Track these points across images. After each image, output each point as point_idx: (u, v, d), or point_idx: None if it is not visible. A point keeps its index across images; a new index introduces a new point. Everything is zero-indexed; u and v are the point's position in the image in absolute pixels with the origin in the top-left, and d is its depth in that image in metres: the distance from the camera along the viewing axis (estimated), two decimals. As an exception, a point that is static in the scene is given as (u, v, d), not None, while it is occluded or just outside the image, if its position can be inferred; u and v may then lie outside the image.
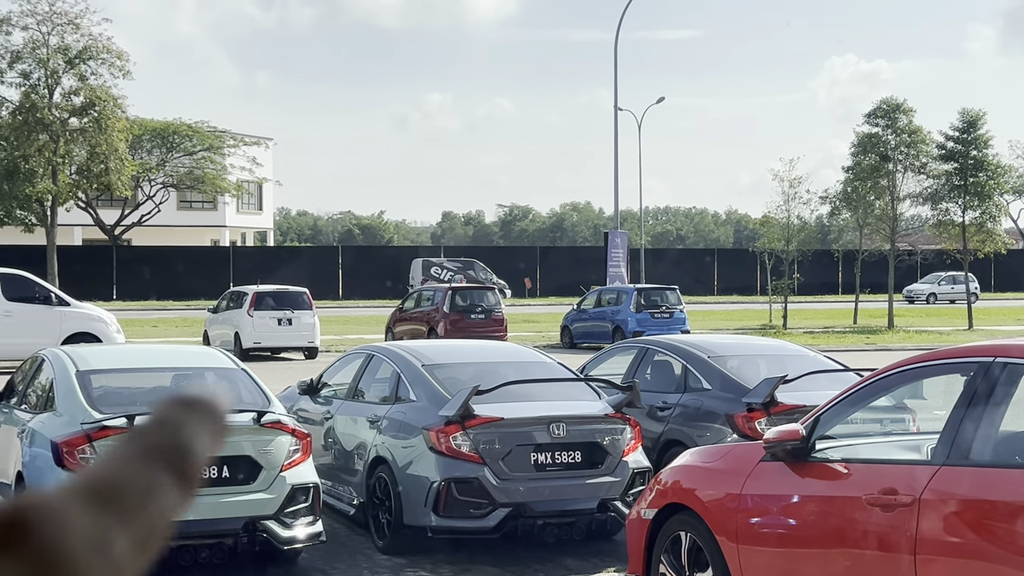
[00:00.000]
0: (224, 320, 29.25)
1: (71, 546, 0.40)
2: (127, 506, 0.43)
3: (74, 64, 43.34)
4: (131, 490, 0.44)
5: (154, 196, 59.33)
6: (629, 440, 9.83)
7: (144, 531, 0.44)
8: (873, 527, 5.62)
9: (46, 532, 0.40)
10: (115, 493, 0.43)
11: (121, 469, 0.44)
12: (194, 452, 0.47)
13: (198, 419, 0.48)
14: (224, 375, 9.88)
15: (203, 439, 0.48)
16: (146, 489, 0.44)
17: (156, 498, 0.44)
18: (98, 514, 0.42)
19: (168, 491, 0.45)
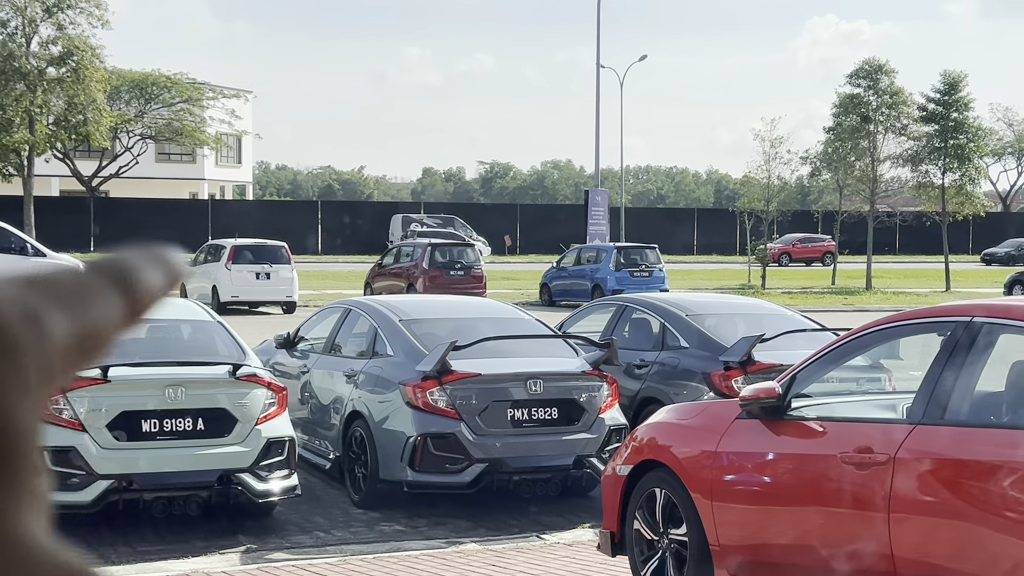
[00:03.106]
0: (202, 273, 29.12)
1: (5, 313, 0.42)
2: (66, 297, 0.44)
3: (52, 12, 42.85)
4: (74, 288, 0.45)
5: (132, 148, 58.86)
6: (606, 397, 9.83)
7: (81, 325, 0.44)
8: (848, 485, 5.63)
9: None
10: (53, 285, 0.45)
11: (69, 273, 0.46)
12: (143, 279, 0.48)
13: (154, 261, 0.50)
14: (200, 328, 9.83)
15: (155, 275, 0.49)
16: (89, 291, 0.46)
17: (97, 301, 0.46)
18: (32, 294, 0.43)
19: (111, 301, 0.46)
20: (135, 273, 0.48)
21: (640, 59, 55.25)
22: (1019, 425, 5.34)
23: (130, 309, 0.47)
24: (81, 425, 8.42)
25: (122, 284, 0.47)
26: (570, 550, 8.35)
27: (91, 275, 0.47)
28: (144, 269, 0.49)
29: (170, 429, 8.67)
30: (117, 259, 0.49)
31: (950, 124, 41.27)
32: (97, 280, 0.47)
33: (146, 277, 0.49)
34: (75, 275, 0.46)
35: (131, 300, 0.47)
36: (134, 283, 0.48)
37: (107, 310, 0.46)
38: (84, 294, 0.46)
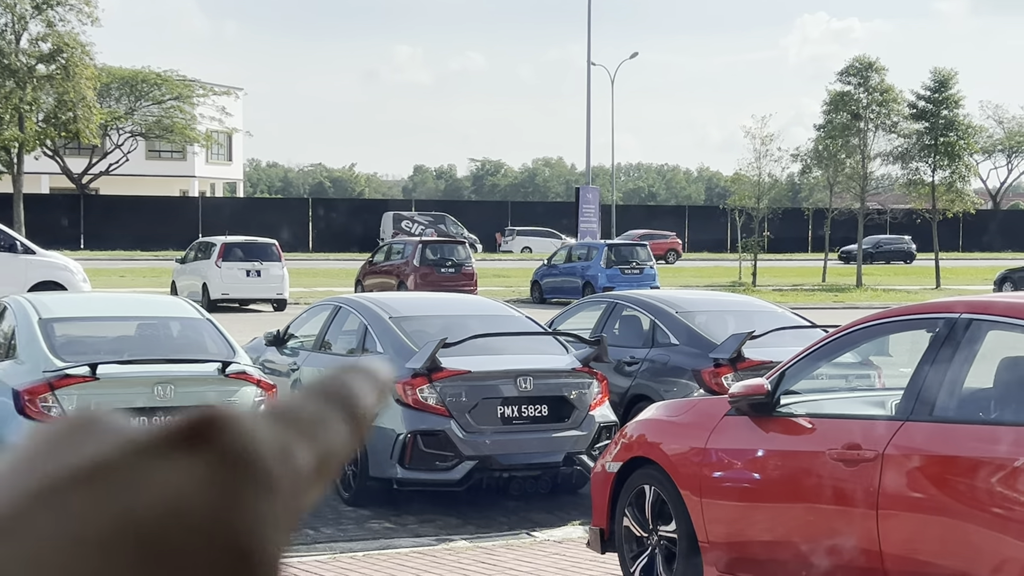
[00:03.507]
0: (192, 271, 29.07)
1: (259, 448, 0.43)
2: (306, 428, 0.46)
3: (41, 9, 42.75)
4: (310, 417, 0.47)
5: (122, 145, 58.75)
6: (596, 394, 9.83)
7: (321, 454, 0.47)
8: (836, 481, 5.64)
9: (235, 433, 0.43)
10: (295, 417, 0.47)
11: (299, 402, 0.48)
12: (364, 402, 0.51)
13: (365, 379, 0.52)
14: (189, 325, 9.81)
15: (370, 394, 0.51)
16: (322, 418, 0.48)
17: (331, 428, 0.48)
18: (279, 428, 0.45)
19: (341, 428, 0.49)
20: (357, 398, 0.50)
21: (631, 57, 55.28)
22: (1006, 421, 5.35)
23: (356, 433, 0.50)
24: (70, 423, 8.39)
25: (348, 410, 0.50)
26: (560, 547, 8.35)
27: (323, 404, 0.49)
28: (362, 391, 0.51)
29: (159, 427, 8.64)
30: (338, 384, 0.51)
31: (940, 122, 41.35)
32: (329, 409, 0.49)
33: (365, 399, 0.51)
34: (311, 405, 0.48)
35: (356, 425, 0.50)
36: (358, 408, 0.50)
37: (339, 437, 0.48)
38: (321, 424, 0.48)
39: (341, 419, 0.49)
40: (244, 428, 0.44)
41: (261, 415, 0.46)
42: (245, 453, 0.43)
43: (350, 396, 0.50)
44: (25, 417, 8.38)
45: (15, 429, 8.40)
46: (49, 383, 8.44)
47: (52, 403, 8.42)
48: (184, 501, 0.42)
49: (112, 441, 0.43)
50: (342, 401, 0.50)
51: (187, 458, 0.43)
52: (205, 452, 0.43)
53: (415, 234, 50.74)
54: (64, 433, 0.44)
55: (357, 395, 0.50)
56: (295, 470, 0.45)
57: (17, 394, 8.44)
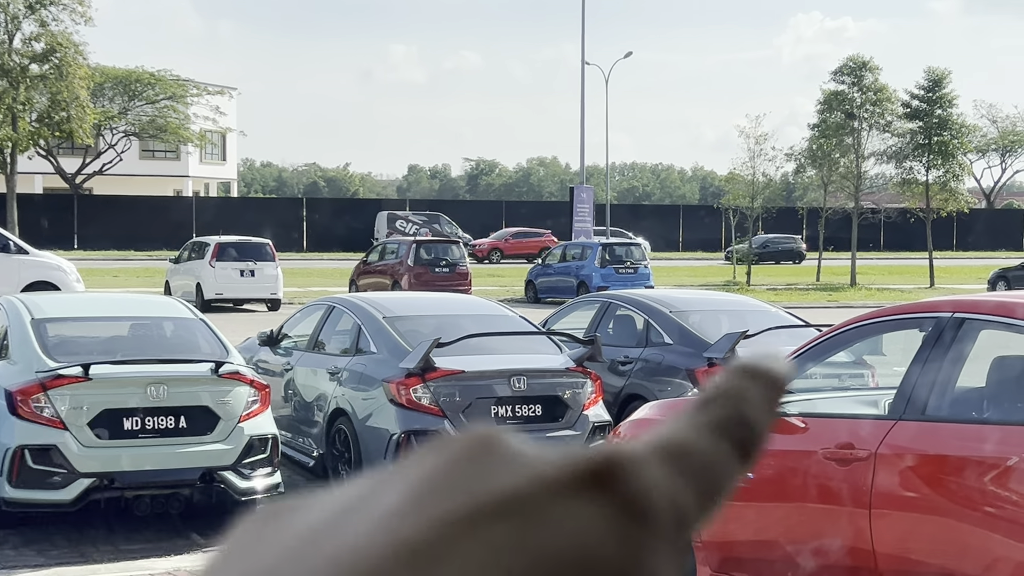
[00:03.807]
0: (186, 271, 29.03)
1: (653, 495, 0.42)
2: (695, 471, 0.45)
3: (34, 9, 42.68)
4: (700, 458, 0.45)
5: (116, 145, 58.67)
6: (590, 394, 9.83)
7: (706, 495, 0.45)
8: (829, 481, 5.64)
9: (635, 478, 0.42)
10: (686, 458, 0.45)
11: (691, 436, 0.46)
12: (758, 427, 0.47)
13: (762, 391, 0.48)
14: (182, 325, 9.79)
15: (765, 411, 0.48)
16: (712, 457, 0.46)
17: (719, 467, 0.46)
18: (671, 474, 0.44)
19: (731, 463, 0.46)
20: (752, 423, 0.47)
21: (625, 56, 55.27)
22: (999, 420, 5.36)
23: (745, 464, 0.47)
24: (62, 423, 8.38)
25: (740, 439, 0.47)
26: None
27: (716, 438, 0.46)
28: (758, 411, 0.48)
29: (152, 427, 8.63)
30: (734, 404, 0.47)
31: (934, 121, 41.38)
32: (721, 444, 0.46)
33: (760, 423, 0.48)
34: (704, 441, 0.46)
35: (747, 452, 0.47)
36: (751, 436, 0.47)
37: (727, 477, 0.46)
38: (711, 467, 0.46)
39: (732, 453, 0.46)
40: (646, 474, 0.43)
41: (657, 455, 0.44)
42: (648, 503, 0.42)
43: (744, 422, 0.47)
44: (18, 418, 8.36)
45: (8, 430, 8.38)
46: (42, 383, 8.42)
47: (44, 403, 8.40)
48: (595, 548, 0.40)
49: (522, 473, 0.41)
50: (734, 429, 0.47)
51: (599, 502, 0.41)
52: (615, 497, 0.41)
53: (409, 234, 50.72)
54: (465, 455, 0.42)
55: (752, 418, 0.47)
56: (679, 517, 0.43)
57: (9, 394, 8.42)
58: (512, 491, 0.40)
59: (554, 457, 0.42)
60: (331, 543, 0.39)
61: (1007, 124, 79.57)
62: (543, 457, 0.42)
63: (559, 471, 0.41)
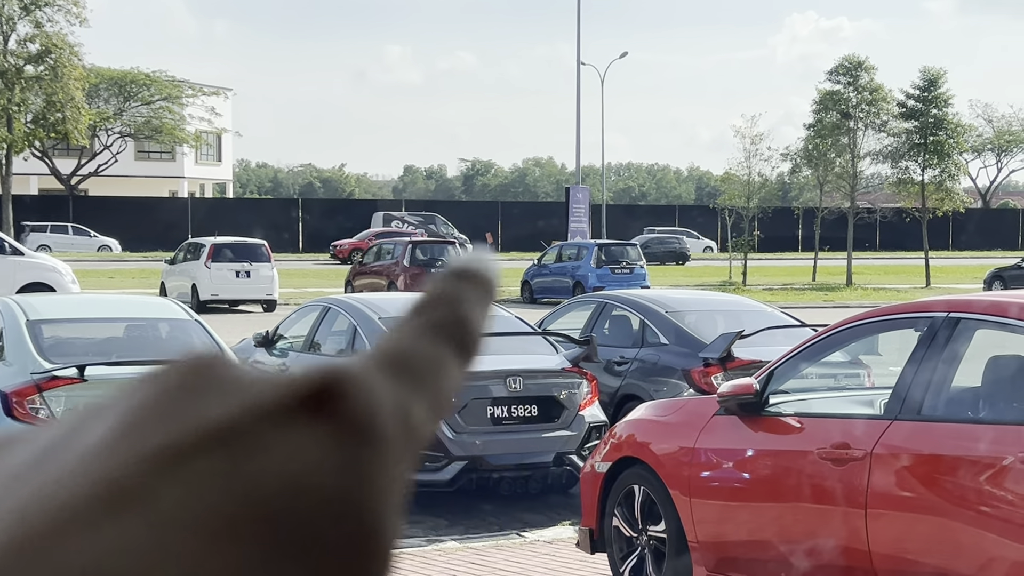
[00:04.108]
0: (181, 272, 29.01)
1: (379, 413, 0.41)
2: (420, 378, 0.44)
3: (29, 10, 42.68)
4: (422, 362, 0.45)
5: (111, 146, 58.67)
6: (586, 394, 9.83)
7: (433, 401, 0.45)
8: (825, 481, 5.64)
9: (357, 398, 0.41)
10: (409, 365, 0.44)
11: (412, 343, 0.45)
12: (474, 324, 0.47)
13: (473, 290, 0.48)
14: (177, 326, 9.78)
15: (480, 311, 0.48)
16: (435, 362, 0.45)
17: (444, 371, 0.45)
18: (396, 384, 0.43)
19: (453, 364, 0.46)
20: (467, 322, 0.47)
21: (620, 56, 55.30)
22: (995, 420, 5.36)
23: (466, 363, 0.47)
24: (58, 425, 8.36)
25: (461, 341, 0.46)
26: (550, 547, 8.34)
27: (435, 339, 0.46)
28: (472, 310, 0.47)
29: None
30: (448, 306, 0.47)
31: (930, 121, 41.42)
32: (442, 344, 0.46)
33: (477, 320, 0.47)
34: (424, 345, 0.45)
35: (468, 355, 0.46)
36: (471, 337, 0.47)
37: (452, 378, 0.46)
38: (435, 369, 0.45)
39: (454, 354, 0.46)
40: (368, 392, 0.41)
41: (378, 369, 0.43)
42: (371, 422, 0.41)
43: (459, 322, 0.47)
44: (13, 419, 8.35)
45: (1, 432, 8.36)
46: (37, 385, 8.41)
47: (40, 405, 8.39)
48: (314, 476, 0.39)
49: (235, 401, 0.40)
50: (452, 330, 0.46)
51: (314, 426, 0.40)
52: (332, 419, 0.40)
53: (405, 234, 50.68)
54: (177, 384, 0.41)
55: (467, 317, 0.47)
56: (412, 431, 0.43)
57: (5, 396, 8.41)
58: (222, 421, 0.39)
59: (272, 382, 0.40)
60: (31, 483, 0.37)
61: (1002, 124, 79.69)
62: (260, 383, 0.41)
63: (274, 397, 0.40)
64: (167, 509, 0.37)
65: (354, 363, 0.42)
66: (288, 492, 0.39)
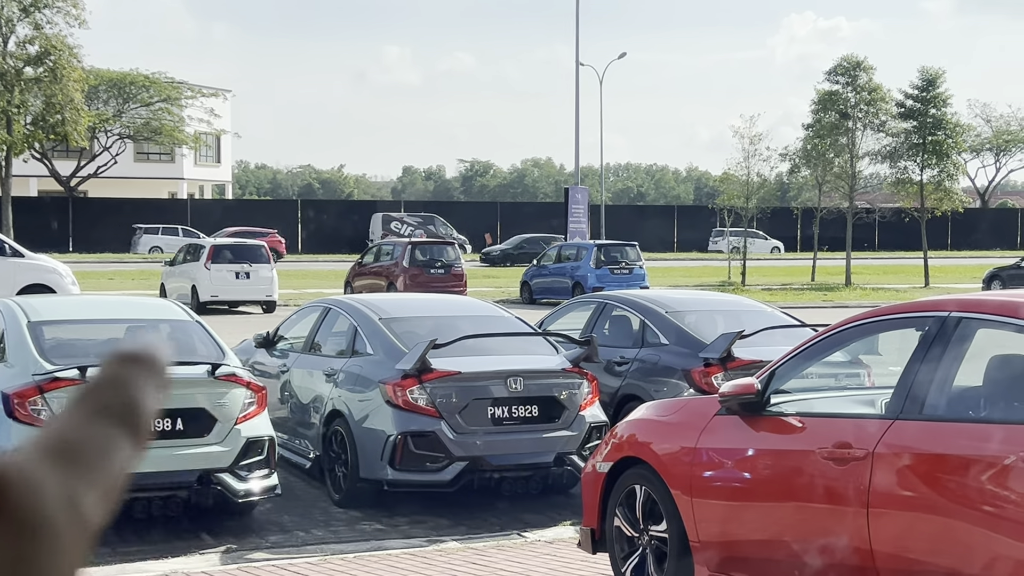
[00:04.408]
0: (181, 273, 29.02)
1: (46, 506, 0.40)
2: (88, 464, 0.44)
3: (29, 12, 42.67)
4: (90, 448, 0.44)
5: (111, 147, 58.66)
6: (586, 394, 9.83)
7: (104, 486, 0.44)
8: (827, 480, 5.64)
9: (22, 494, 0.40)
10: (76, 452, 0.43)
11: (78, 428, 0.44)
12: (142, 408, 0.47)
13: (143, 374, 0.48)
14: (178, 327, 9.79)
15: (149, 394, 0.48)
16: (103, 447, 0.45)
17: (113, 454, 0.45)
18: (64, 473, 0.42)
19: (122, 447, 0.45)
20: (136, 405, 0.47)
21: (619, 57, 55.29)
22: (996, 419, 5.37)
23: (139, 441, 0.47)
24: (59, 426, 8.38)
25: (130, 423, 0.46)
26: (551, 548, 8.34)
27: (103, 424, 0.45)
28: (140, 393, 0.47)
29: (149, 429, 8.63)
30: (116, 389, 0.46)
31: (928, 120, 41.42)
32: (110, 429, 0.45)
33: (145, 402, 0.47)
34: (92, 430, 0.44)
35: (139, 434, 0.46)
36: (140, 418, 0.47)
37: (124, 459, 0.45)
38: (104, 453, 0.44)
39: (122, 437, 0.45)
40: (31, 484, 0.40)
41: (44, 460, 0.42)
42: (35, 515, 0.40)
43: (128, 405, 0.46)
44: (14, 420, 8.36)
45: (5, 432, 8.38)
46: (38, 386, 8.42)
47: (41, 406, 8.40)
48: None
49: None
50: (120, 413, 0.46)
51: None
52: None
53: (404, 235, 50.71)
54: None
55: (135, 400, 0.47)
56: (80, 516, 0.42)
57: (6, 397, 8.42)
58: None
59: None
60: None
61: (1001, 123, 79.70)
62: None
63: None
64: None
65: (17, 455, 0.41)
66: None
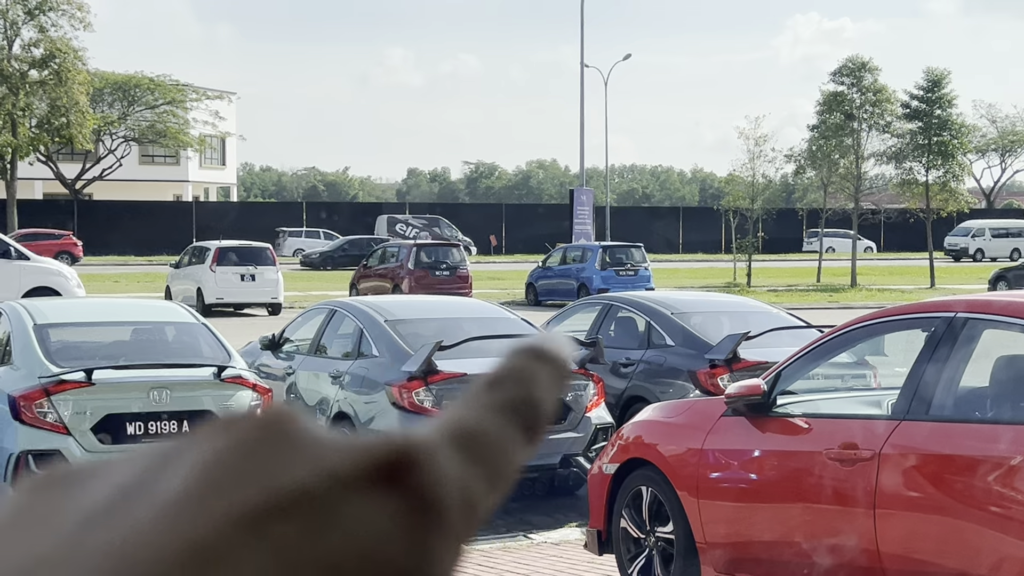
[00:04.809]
0: (186, 275, 29.04)
1: (444, 488, 0.42)
2: (486, 457, 0.45)
3: (34, 15, 42.74)
4: (489, 441, 0.45)
5: (115, 150, 58.72)
6: (592, 396, 9.83)
7: (497, 481, 0.45)
8: (833, 481, 5.64)
9: (427, 473, 0.41)
10: (476, 442, 0.44)
11: (481, 419, 0.45)
12: (543, 406, 0.47)
13: (546, 371, 0.48)
14: (184, 330, 9.79)
15: (551, 390, 0.48)
16: (502, 441, 0.45)
17: (509, 450, 0.46)
18: (462, 463, 0.43)
19: (519, 443, 0.46)
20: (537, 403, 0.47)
21: (624, 58, 55.28)
22: (1003, 420, 5.36)
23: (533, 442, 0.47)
24: (65, 428, 8.39)
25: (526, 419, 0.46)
26: (557, 549, 8.34)
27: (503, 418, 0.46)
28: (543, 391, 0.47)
29: (155, 432, 8.64)
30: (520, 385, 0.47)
31: (934, 121, 41.37)
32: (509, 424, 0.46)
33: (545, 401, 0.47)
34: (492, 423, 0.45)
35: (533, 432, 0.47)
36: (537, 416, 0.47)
37: (516, 458, 0.46)
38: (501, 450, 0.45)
39: (520, 434, 0.46)
40: (437, 467, 0.42)
41: (446, 443, 0.43)
42: (438, 498, 0.41)
43: (529, 402, 0.47)
44: (21, 423, 8.37)
45: (11, 435, 8.39)
46: (45, 389, 8.43)
47: (48, 409, 8.41)
48: (381, 546, 0.40)
49: (312, 465, 0.40)
50: (521, 410, 0.46)
51: (387, 498, 0.40)
52: (404, 492, 0.41)
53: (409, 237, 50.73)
54: (256, 439, 0.40)
55: (537, 398, 0.47)
56: (470, 505, 0.43)
57: (13, 400, 8.43)
58: (300, 486, 0.39)
59: (347, 447, 0.41)
60: (108, 532, 0.37)
61: (1006, 124, 79.61)
62: (336, 446, 0.41)
63: (350, 465, 0.40)
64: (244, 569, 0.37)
65: (425, 435, 0.42)
66: (360, 564, 0.39)
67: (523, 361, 0.48)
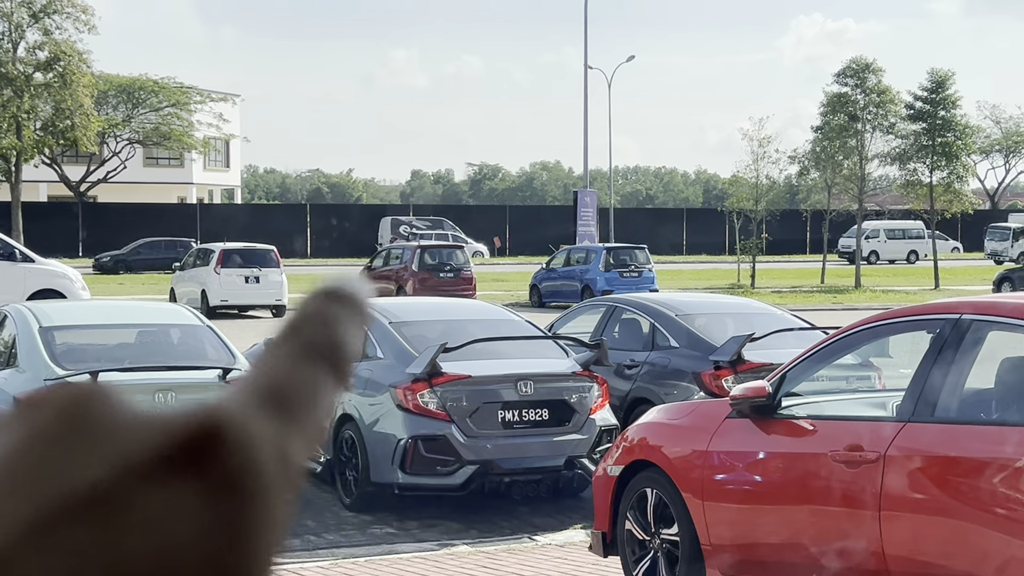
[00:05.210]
0: (191, 277, 29.07)
1: (256, 454, 0.40)
2: (297, 408, 0.43)
3: (38, 18, 42.79)
4: (299, 391, 0.43)
5: (120, 152, 58.75)
6: (596, 398, 9.83)
7: (311, 433, 0.43)
8: (838, 483, 5.64)
9: (235, 447, 0.40)
10: (285, 396, 0.43)
11: (287, 370, 0.44)
12: (347, 347, 0.46)
13: (345, 311, 0.47)
14: (189, 332, 9.80)
15: (353, 332, 0.46)
16: (311, 389, 0.44)
17: (320, 397, 0.44)
18: (275, 420, 0.42)
19: (328, 388, 0.45)
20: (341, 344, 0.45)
21: (627, 60, 55.28)
22: (1008, 422, 5.36)
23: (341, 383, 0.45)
24: (71, 431, 8.39)
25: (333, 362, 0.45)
26: (562, 551, 8.34)
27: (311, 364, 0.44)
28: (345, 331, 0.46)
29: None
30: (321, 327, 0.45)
31: (937, 122, 41.35)
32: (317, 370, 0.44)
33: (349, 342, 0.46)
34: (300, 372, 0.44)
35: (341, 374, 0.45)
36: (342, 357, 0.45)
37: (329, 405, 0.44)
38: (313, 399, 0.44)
39: (328, 378, 0.44)
40: (247, 438, 0.40)
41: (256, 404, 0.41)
42: (249, 472, 0.39)
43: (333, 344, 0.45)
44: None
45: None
46: (50, 391, 8.44)
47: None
48: (184, 540, 0.38)
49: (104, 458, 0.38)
50: (326, 353, 0.45)
51: (188, 482, 0.38)
52: (206, 471, 0.39)
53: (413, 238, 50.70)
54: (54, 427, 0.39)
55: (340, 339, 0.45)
56: (290, 465, 0.41)
57: (18, 402, 8.44)
58: (92, 484, 0.37)
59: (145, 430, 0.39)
60: None
61: (1010, 125, 79.55)
62: (134, 431, 0.39)
63: (148, 451, 0.38)
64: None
65: (231, 402, 0.40)
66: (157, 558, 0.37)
67: (320, 304, 0.47)
